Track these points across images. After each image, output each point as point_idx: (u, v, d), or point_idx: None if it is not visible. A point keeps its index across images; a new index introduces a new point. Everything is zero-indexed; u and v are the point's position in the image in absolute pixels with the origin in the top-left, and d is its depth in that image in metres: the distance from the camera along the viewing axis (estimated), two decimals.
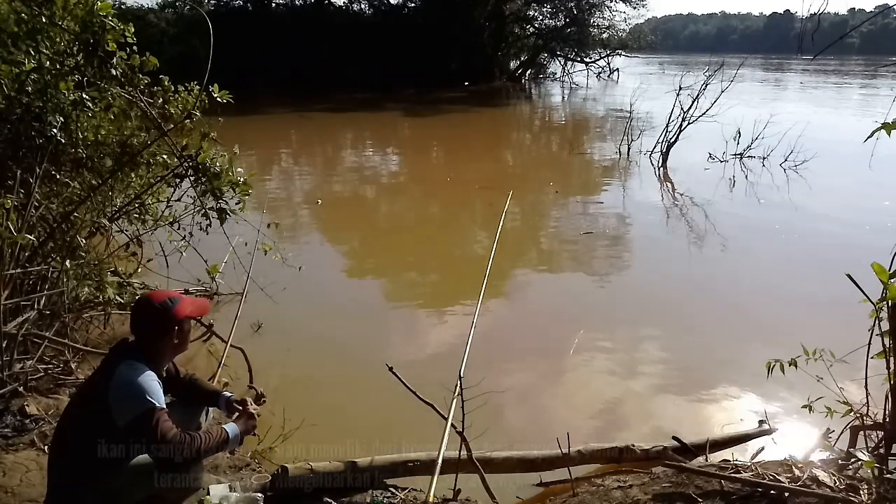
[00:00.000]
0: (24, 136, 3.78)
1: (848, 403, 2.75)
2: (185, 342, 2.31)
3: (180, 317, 2.21)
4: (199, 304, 2.40)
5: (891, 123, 2.21)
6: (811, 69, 45.19)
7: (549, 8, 32.36)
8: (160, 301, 2.20)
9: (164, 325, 2.18)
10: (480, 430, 2.77)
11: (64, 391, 3.46)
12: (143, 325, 2.19)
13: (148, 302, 2.22)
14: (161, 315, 2.17)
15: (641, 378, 4.21)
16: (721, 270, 6.37)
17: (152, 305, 2.19)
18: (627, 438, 3.21)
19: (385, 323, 5.10)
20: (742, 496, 2.31)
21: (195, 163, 4.09)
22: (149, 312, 2.19)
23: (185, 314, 2.23)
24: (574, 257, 6.88)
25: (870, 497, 2.13)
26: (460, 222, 8.59)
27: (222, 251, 5.06)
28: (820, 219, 8.18)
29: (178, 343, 2.26)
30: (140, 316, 2.21)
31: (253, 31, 24.19)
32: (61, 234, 3.80)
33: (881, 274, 2.17)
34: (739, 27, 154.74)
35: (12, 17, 3.69)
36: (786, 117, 12.74)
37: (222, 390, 2.54)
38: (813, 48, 3.32)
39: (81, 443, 2.07)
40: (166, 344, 2.22)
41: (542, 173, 11.95)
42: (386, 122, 18.62)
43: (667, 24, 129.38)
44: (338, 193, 10.15)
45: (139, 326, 2.20)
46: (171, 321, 2.18)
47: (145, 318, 2.19)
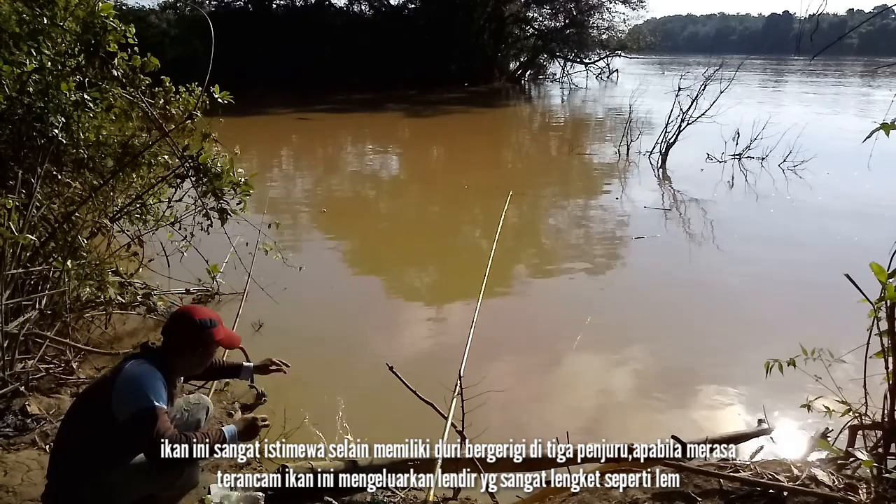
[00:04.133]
0: (25, 136, 3.79)
1: (847, 403, 2.75)
2: (202, 365, 2.35)
3: (215, 339, 2.25)
4: (231, 337, 2.41)
5: (889, 124, 2.22)
6: (810, 70, 45.22)
7: (548, 9, 32.39)
8: (203, 317, 2.24)
9: (196, 340, 2.22)
10: (480, 430, 2.78)
11: (65, 391, 3.47)
12: (177, 332, 2.22)
13: (190, 314, 2.26)
14: (199, 330, 2.21)
15: (641, 378, 4.22)
16: (719, 271, 6.38)
17: (193, 319, 2.23)
18: (627, 438, 3.21)
19: (385, 323, 5.11)
20: (741, 495, 2.32)
21: (196, 163, 4.10)
22: (188, 323, 2.22)
23: (218, 338, 2.27)
24: (573, 258, 6.88)
25: (869, 496, 2.14)
26: (461, 222, 8.60)
27: (223, 251, 5.07)
28: (819, 219, 8.19)
29: (197, 362, 2.30)
30: (178, 324, 2.24)
31: (254, 32, 24.21)
32: (63, 234, 3.81)
33: (879, 274, 2.18)
34: (738, 28, 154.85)
35: (14, 17, 3.70)
36: (785, 118, 12.77)
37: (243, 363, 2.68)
38: (812, 49, 3.34)
39: (82, 438, 2.08)
40: (188, 358, 2.24)
41: (542, 174, 11.97)
42: (386, 123, 18.63)
43: (666, 25, 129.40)
44: (338, 194, 10.16)
45: (172, 333, 2.23)
46: (204, 340, 2.23)
47: (182, 327, 2.23)
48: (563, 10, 32.03)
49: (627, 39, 33.78)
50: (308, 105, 20.56)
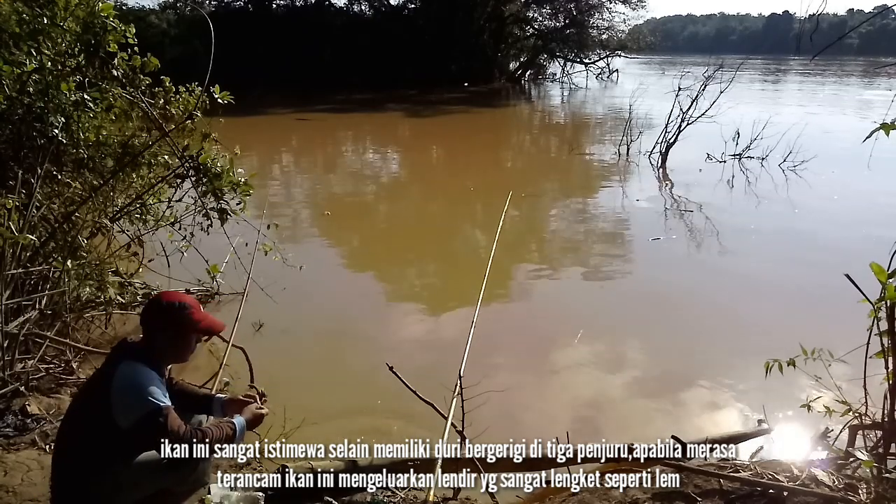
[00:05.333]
0: (25, 136, 3.79)
1: (846, 403, 2.75)
2: (187, 349, 2.30)
3: (193, 318, 2.22)
4: (213, 322, 2.36)
5: (889, 124, 2.22)
6: (810, 70, 45.22)
7: (548, 9, 32.42)
8: (171, 300, 2.22)
9: (168, 321, 2.18)
10: (480, 430, 2.78)
11: (65, 391, 3.47)
12: (150, 317, 2.20)
13: (160, 297, 2.24)
14: (168, 311, 2.18)
15: (641, 378, 4.21)
16: (720, 270, 6.38)
17: (161, 302, 2.21)
18: (627, 438, 3.21)
19: (385, 323, 5.11)
20: (741, 495, 2.32)
21: (196, 163, 4.11)
22: (158, 307, 2.20)
23: (197, 318, 2.24)
24: (573, 258, 6.88)
25: (868, 496, 2.14)
26: (461, 223, 8.60)
27: (223, 251, 5.07)
28: (818, 219, 8.19)
29: (179, 347, 2.25)
30: (150, 309, 2.23)
31: (254, 32, 24.24)
32: (63, 234, 3.81)
33: (880, 274, 2.18)
34: (738, 28, 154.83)
35: (14, 17, 3.70)
36: (785, 118, 12.77)
37: (215, 393, 2.53)
38: (812, 49, 3.34)
39: (83, 442, 2.08)
40: (167, 343, 2.21)
41: (542, 174, 11.97)
42: (386, 123, 18.63)
43: (666, 25, 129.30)
44: (338, 194, 10.16)
45: (146, 320, 2.21)
46: (176, 321, 2.19)
47: (154, 311, 2.21)
48: (563, 10, 32.05)
49: (627, 39, 33.78)
50: (308, 105, 20.56)
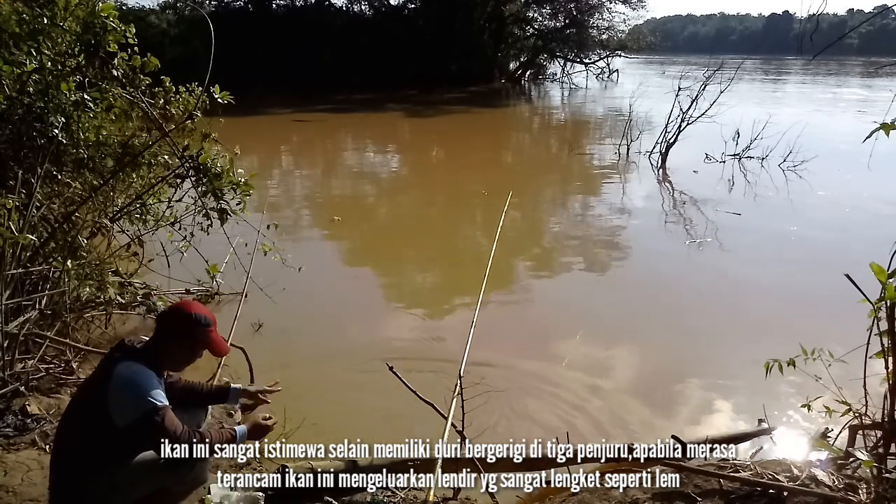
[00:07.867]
0: (25, 136, 3.79)
1: (846, 403, 2.75)
2: (190, 362, 2.31)
3: (208, 337, 2.23)
4: (222, 344, 2.37)
5: (889, 124, 2.22)
6: (810, 70, 45.21)
7: (548, 9, 32.40)
8: (199, 312, 2.23)
9: (187, 332, 2.20)
10: (480, 430, 2.78)
11: (65, 391, 3.47)
12: (171, 321, 2.21)
13: (188, 307, 2.25)
14: (192, 323, 2.19)
15: (641, 377, 4.22)
16: (719, 270, 6.37)
17: (189, 312, 2.22)
18: (626, 437, 3.22)
19: (385, 322, 5.11)
20: (741, 495, 2.32)
21: (196, 163, 4.11)
22: (184, 315, 2.21)
23: (212, 337, 2.24)
24: (573, 258, 6.89)
25: (868, 496, 2.14)
26: (461, 223, 8.60)
27: (223, 251, 5.07)
28: (818, 219, 8.19)
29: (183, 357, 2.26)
30: (174, 313, 2.24)
31: (254, 32, 24.24)
32: (63, 234, 3.81)
33: (880, 274, 2.18)
34: (738, 28, 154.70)
35: (14, 17, 3.70)
36: (785, 118, 12.76)
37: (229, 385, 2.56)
38: (812, 49, 3.34)
39: (81, 442, 2.08)
40: (176, 350, 2.21)
41: (542, 174, 11.97)
42: (387, 123, 18.63)
43: (666, 25, 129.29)
44: (337, 194, 10.16)
45: (166, 321, 2.23)
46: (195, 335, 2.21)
47: (177, 317, 2.21)
48: (563, 10, 32.04)
49: (627, 39, 33.78)
50: (308, 105, 20.56)
